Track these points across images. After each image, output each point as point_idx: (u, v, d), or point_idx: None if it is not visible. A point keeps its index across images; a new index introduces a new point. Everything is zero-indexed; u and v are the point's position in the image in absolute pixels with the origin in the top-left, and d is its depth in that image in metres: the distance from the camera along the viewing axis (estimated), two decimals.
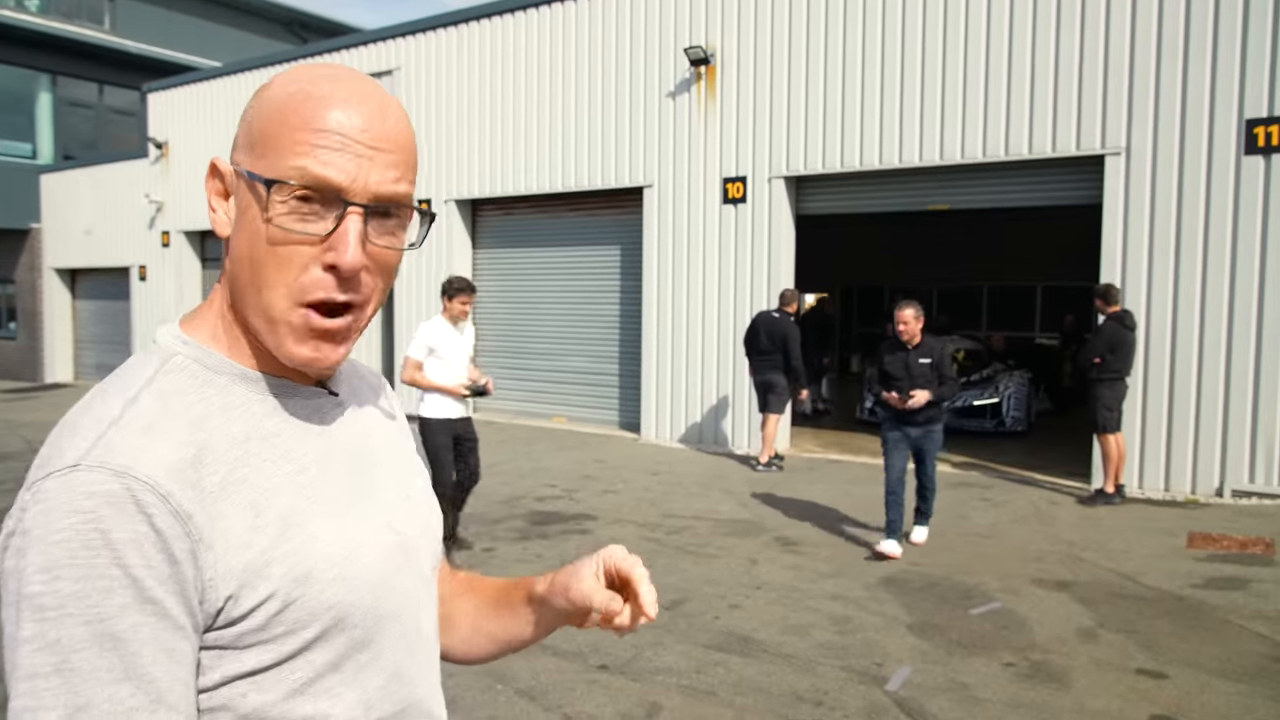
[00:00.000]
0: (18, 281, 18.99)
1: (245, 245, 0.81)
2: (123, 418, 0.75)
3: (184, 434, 0.76)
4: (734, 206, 9.80)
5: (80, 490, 0.70)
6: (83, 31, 19.59)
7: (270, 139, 0.79)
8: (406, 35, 12.38)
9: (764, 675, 3.99)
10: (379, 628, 0.85)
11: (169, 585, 0.71)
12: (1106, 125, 7.81)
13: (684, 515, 6.96)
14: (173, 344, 0.83)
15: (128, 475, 0.71)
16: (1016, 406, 10.72)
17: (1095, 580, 5.36)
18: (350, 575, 0.82)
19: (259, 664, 0.77)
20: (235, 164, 0.82)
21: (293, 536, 0.79)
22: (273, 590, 0.76)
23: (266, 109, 0.80)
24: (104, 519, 0.69)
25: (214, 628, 0.75)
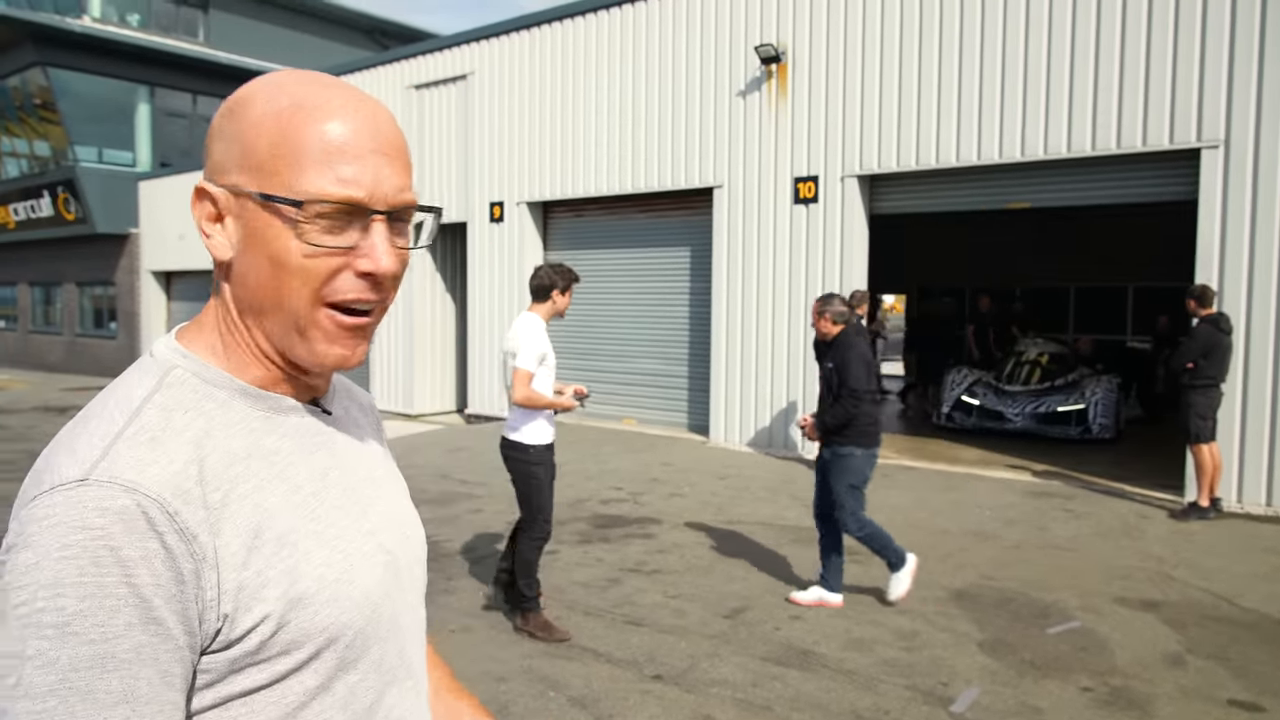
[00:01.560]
0: (118, 284, 19.97)
1: (263, 263, 0.80)
2: (126, 431, 0.74)
3: (188, 450, 0.76)
4: (805, 206, 9.61)
5: (91, 506, 0.69)
6: (179, 44, 20.51)
7: (279, 158, 0.78)
8: (480, 40, 12.54)
9: (823, 691, 3.86)
10: (369, 650, 0.85)
11: (174, 605, 0.70)
12: (1203, 117, 7.38)
13: (749, 521, 6.84)
14: (172, 357, 0.82)
15: (138, 492, 0.70)
16: (1104, 413, 10.28)
17: (1186, 601, 5.05)
18: (343, 596, 0.81)
19: (253, 685, 0.76)
20: (233, 186, 0.80)
21: (287, 557, 0.78)
22: (267, 612, 0.76)
23: (264, 126, 0.79)
24: (114, 536, 0.68)
25: (211, 649, 0.74)
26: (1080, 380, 10.95)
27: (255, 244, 0.80)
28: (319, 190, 0.78)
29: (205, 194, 0.82)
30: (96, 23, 19.66)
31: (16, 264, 22.90)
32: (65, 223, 19.46)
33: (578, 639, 4.44)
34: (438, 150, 13.20)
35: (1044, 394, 10.77)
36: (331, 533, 0.83)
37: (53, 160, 19.34)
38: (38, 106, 18.94)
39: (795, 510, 7.18)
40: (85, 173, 18.54)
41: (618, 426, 11.49)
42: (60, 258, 21.21)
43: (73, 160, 18.54)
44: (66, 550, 0.67)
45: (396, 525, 0.93)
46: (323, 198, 0.78)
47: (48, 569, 0.67)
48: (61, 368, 21.61)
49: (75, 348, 21.34)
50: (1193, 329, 6.98)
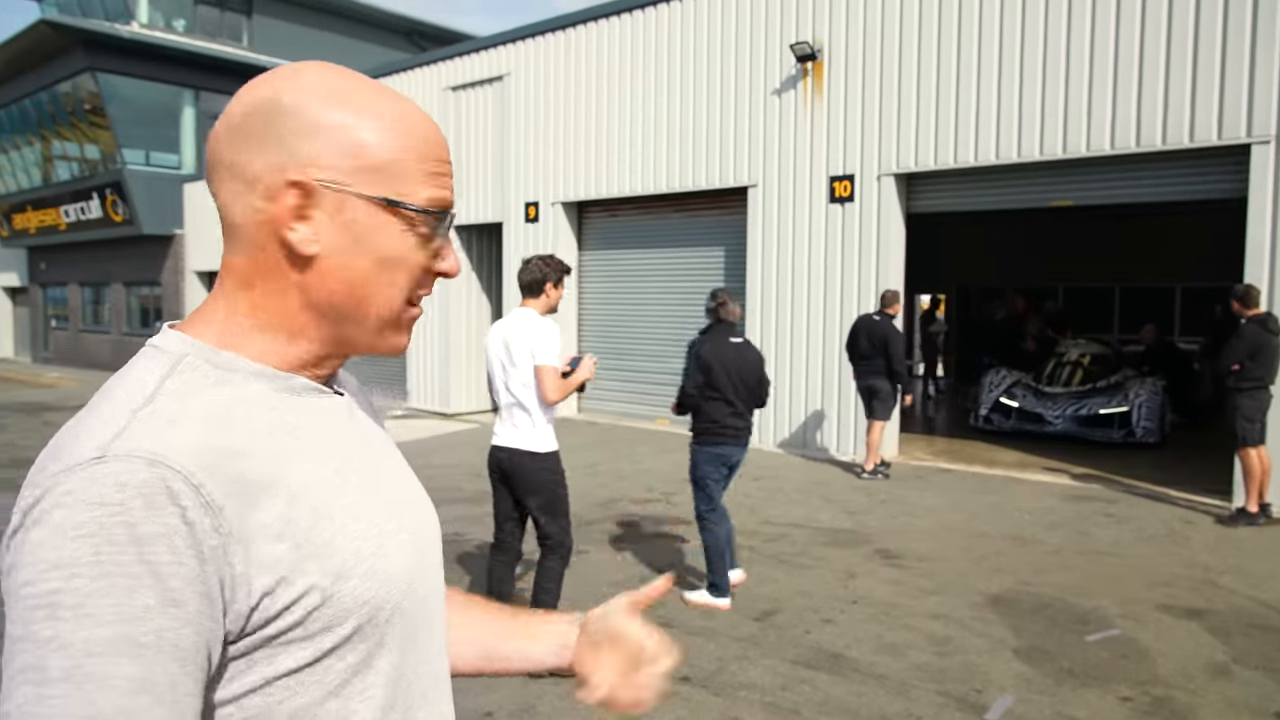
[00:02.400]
0: (163, 284, 20.39)
1: (367, 263, 0.82)
2: (142, 412, 0.72)
3: (208, 426, 0.74)
4: (841, 205, 9.52)
5: (109, 482, 0.66)
6: (224, 49, 20.87)
7: (396, 164, 0.82)
8: (516, 41, 12.60)
9: (853, 696, 3.80)
10: (402, 627, 0.84)
11: (196, 585, 0.67)
12: (1253, 111, 7.17)
13: (781, 523, 6.78)
14: (179, 346, 0.80)
15: (161, 464, 0.68)
16: (1148, 416, 9.97)
17: (1232, 609, 4.90)
18: (380, 570, 0.80)
19: (297, 663, 0.75)
20: (338, 184, 0.80)
21: (324, 530, 0.77)
22: (311, 584, 0.74)
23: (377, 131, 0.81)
24: (133, 511, 0.65)
25: (248, 629, 0.72)
26: (1124, 382, 10.65)
27: (361, 244, 0.82)
28: (435, 199, 0.84)
29: (299, 186, 0.79)
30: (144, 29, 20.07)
31: (67, 264, 23.49)
32: (113, 224, 19.92)
33: None
34: (474, 151, 13.29)
35: (1085, 396, 10.50)
36: (362, 508, 0.82)
37: (102, 163, 19.80)
38: (88, 111, 19.40)
39: (828, 512, 7.11)
40: (132, 175, 18.95)
41: (651, 427, 11.47)
42: (108, 258, 21.71)
43: (121, 163, 18.97)
44: (81, 528, 0.65)
45: (413, 505, 0.93)
46: (439, 206, 0.85)
47: (61, 548, 0.65)
48: (110, 366, 22.13)
49: (123, 347, 21.82)
50: (1239, 329, 6.79)
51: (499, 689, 3.85)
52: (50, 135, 21.10)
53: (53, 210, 21.70)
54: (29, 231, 23.15)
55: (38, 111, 20.89)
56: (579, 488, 7.91)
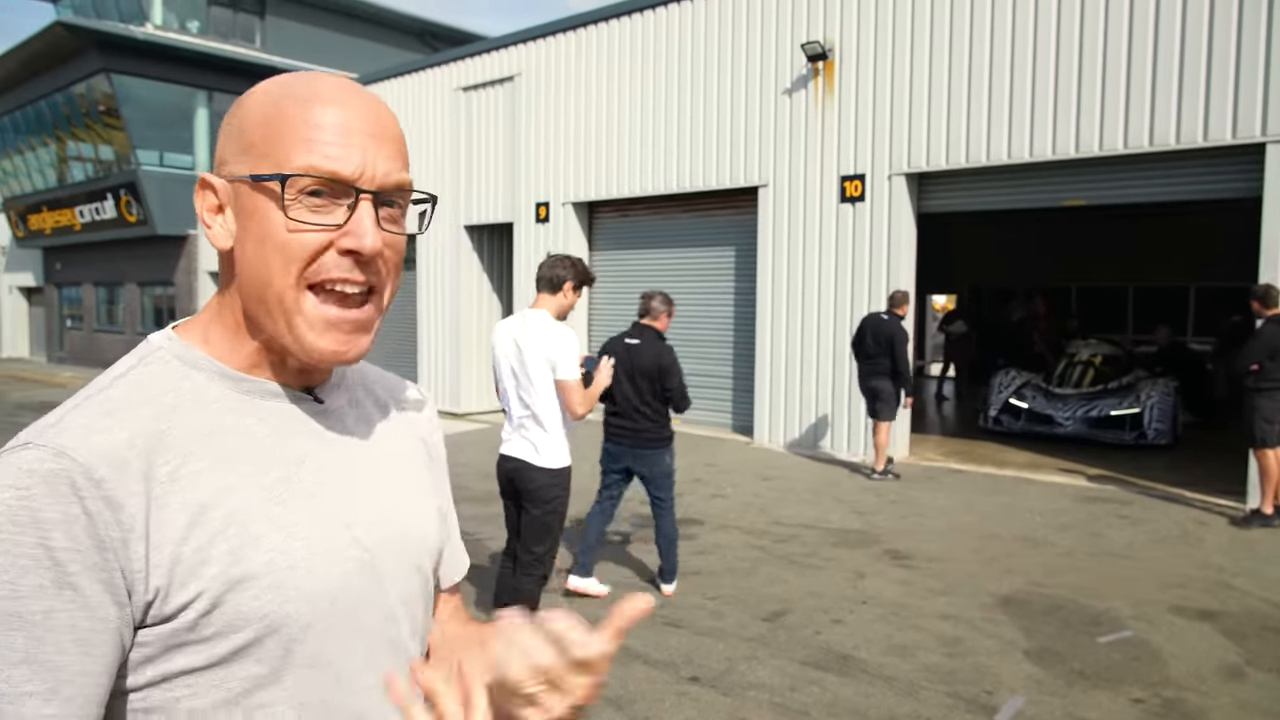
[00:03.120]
0: (177, 284, 20.51)
1: (254, 248, 0.81)
2: (87, 403, 0.77)
3: (145, 423, 0.77)
4: (852, 205, 9.49)
5: (22, 467, 0.70)
6: (237, 50, 20.98)
7: (269, 140, 0.80)
8: (527, 41, 12.61)
9: (862, 697, 3.79)
10: (325, 646, 0.81)
11: (94, 573, 0.70)
12: (1269, 109, 7.11)
13: (792, 523, 6.76)
14: (159, 340, 0.85)
15: (66, 456, 0.71)
16: (1160, 418, 9.79)
17: (1246, 611, 4.86)
18: (289, 584, 0.79)
19: (191, 665, 0.76)
20: (229, 175, 0.83)
21: (233, 537, 0.77)
22: (202, 589, 0.75)
23: (257, 115, 0.82)
24: (35, 497, 0.69)
25: (146, 623, 0.74)
26: (1135, 383, 10.47)
27: (246, 226, 0.82)
28: (305, 165, 0.79)
29: (207, 185, 0.84)
30: (158, 30, 20.20)
31: (82, 265, 23.66)
32: (127, 225, 20.05)
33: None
34: (484, 151, 13.32)
35: (1096, 397, 10.31)
36: (293, 519, 0.81)
37: (116, 164, 19.94)
38: (102, 113, 19.54)
39: (838, 513, 7.09)
40: (146, 176, 19.07)
41: None
42: (122, 259, 21.86)
43: (135, 164, 19.09)
44: None
45: (388, 524, 0.89)
46: (307, 172, 0.79)
47: None
48: None
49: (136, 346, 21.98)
50: (1258, 329, 6.72)
51: None
52: (65, 136, 21.25)
53: (68, 211, 21.87)
54: (44, 232, 23.33)
55: (53, 113, 21.05)
56: (589, 487, 7.91)
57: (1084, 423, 10.08)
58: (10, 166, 23.54)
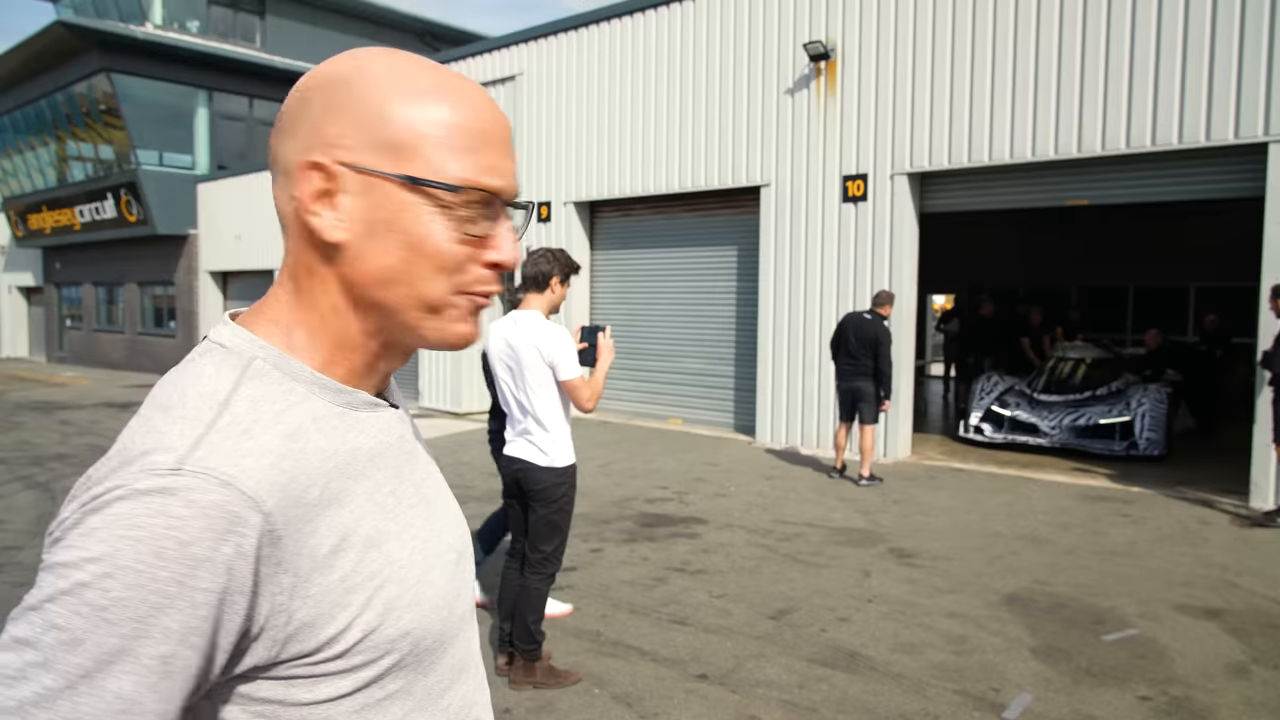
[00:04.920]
0: (177, 284, 20.50)
1: (396, 247, 0.76)
2: (219, 423, 0.69)
3: (283, 444, 0.71)
4: (854, 205, 9.50)
5: (179, 497, 0.64)
6: (237, 50, 20.97)
7: (424, 141, 0.75)
8: (529, 41, 12.62)
9: (870, 694, 3.80)
10: (444, 652, 0.83)
11: (229, 618, 0.66)
12: (1270, 109, 7.13)
13: (796, 522, 6.78)
14: (248, 347, 0.76)
15: (231, 487, 0.66)
16: (1152, 426, 9.16)
17: (1251, 609, 4.88)
18: (424, 599, 0.79)
19: (335, 693, 0.72)
20: (358, 164, 0.75)
21: (373, 560, 0.74)
22: (352, 618, 0.72)
23: (400, 106, 0.75)
24: (191, 530, 0.63)
25: (283, 657, 0.69)
26: (1125, 389, 9.87)
27: (389, 227, 0.76)
28: (470, 177, 0.75)
29: (319, 168, 0.75)
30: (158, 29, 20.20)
31: (82, 265, 23.65)
32: (127, 224, 20.04)
33: (622, 637, 4.44)
34: None
35: (1083, 404, 9.72)
36: (410, 533, 0.80)
37: (116, 164, 19.92)
38: (102, 112, 19.53)
39: (842, 511, 7.10)
40: (147, 175, 19.06)
41: (663, 426, 11.48)
42: (122, 258, 21.85)
43: (135, 164, 19.08)
44: (134, 530, 0.62)
45: (455, 520, 0.91)
46: (475, 185, 0.76)
47: (106, 543, 0.62)
48: (124, 365, 22.27)
49: (137, 346, 21.96)
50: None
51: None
52: (65, 136, 21.24)
53: (67, 210, 21.86)
54: (44, 232, 23.32)
55: (53, 112, 21.04)
56: (592, 486, 7.93)
57: (1071, 431, 9.50)
58: (10, 166, 23.53)
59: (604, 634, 4.49)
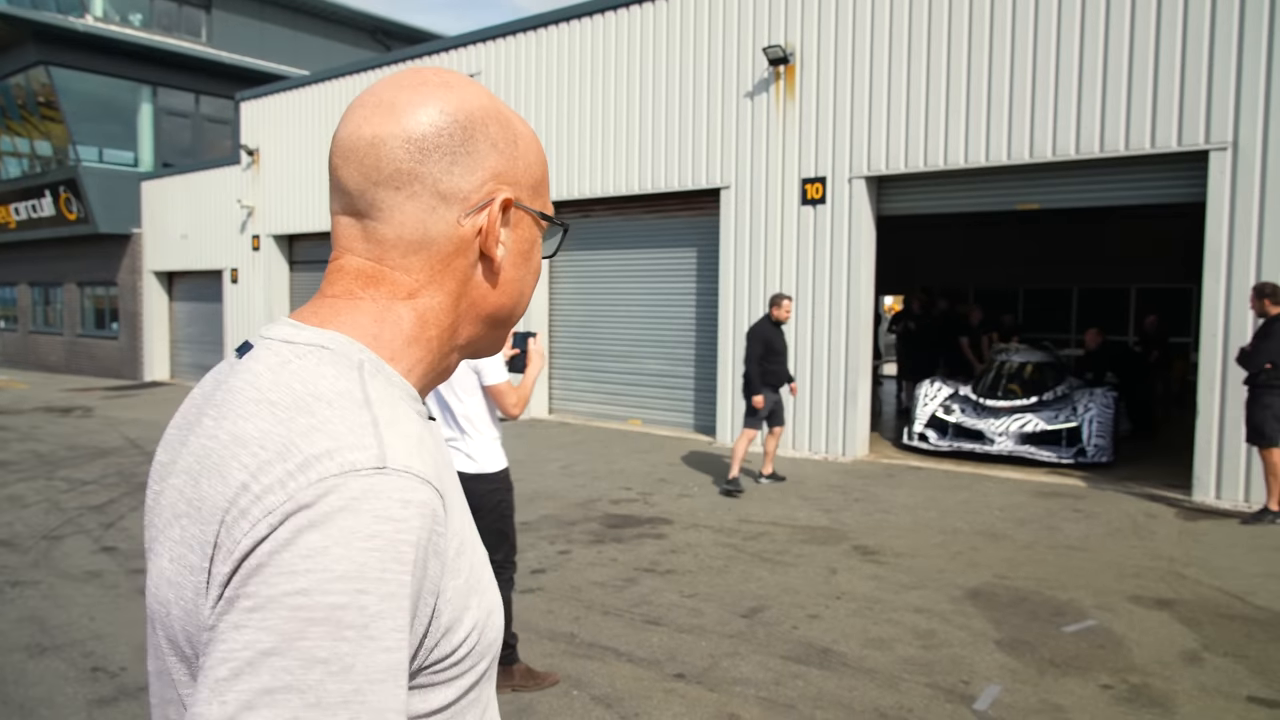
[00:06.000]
0: (119, 284, 19.92)
1: (521, 272, 0.86)
2: (382, 421, 0.67)
3: (419, 444, 0.70)
4: (813, 208, 9.64)
5: (396, 496, 0.63)
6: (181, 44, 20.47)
7: (543, 182, 0.88)
8: (487, 40, 12.55)
9: (845, 689, 3.87)
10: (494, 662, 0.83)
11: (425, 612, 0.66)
12: (1211, 119, 7.42)
13: (760, 521, 6.86)
14: (353, 352, 0.74)
15: (430, 484, 0.66)
16: (1100, 432, 8.89)
17: (1199, 599, 5.07)
18: (496, 607, 0.80)
19: (445, 700, 0.72)
20: (521, 202, 0.84)
21: (472, 564, 0.75)
22: (475, 620, 0.73)
23: (538, 155, 0.87)
24: (415, 530, 0.63)
25: (426, 664, 0.69)
26: (1070, 393, 9.66)
27: (528, 256, 0.87)
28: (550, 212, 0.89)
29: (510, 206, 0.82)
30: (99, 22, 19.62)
31: (17, 264, 22.86)
32: (67, 222, 19.43)
33: (597, 638, 4.45)
34: None
35: (1030, 410, 9.47)
36: (475, 539, 0.80)
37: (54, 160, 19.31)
38: (40, 105, 18.92)
39: (806, 510, 7.20)
40: (87, 172, 18.50)
41: (623, 427, 11.51)
42: (61, 258, 21.17)
43: (74, 160, 18.52)
44: (372, 540, 0.60)
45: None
46: (557, 219, 0.90)
47: (351, 559, 0.59)
48: (62, 368, 21.58)
49: (76, 348, 21.30)
50: (1269, 327, 6.63)
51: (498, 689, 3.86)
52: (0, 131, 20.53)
53: (2, 208, 21.13)
54: None
55: None
56: (556, 488, 7.93)
57: (1017, 438, 9.25)
58: None
59: (578, 635, 4.50)
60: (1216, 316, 7.46)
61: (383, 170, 0.76)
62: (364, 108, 0.79)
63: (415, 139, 0.77)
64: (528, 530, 6.53)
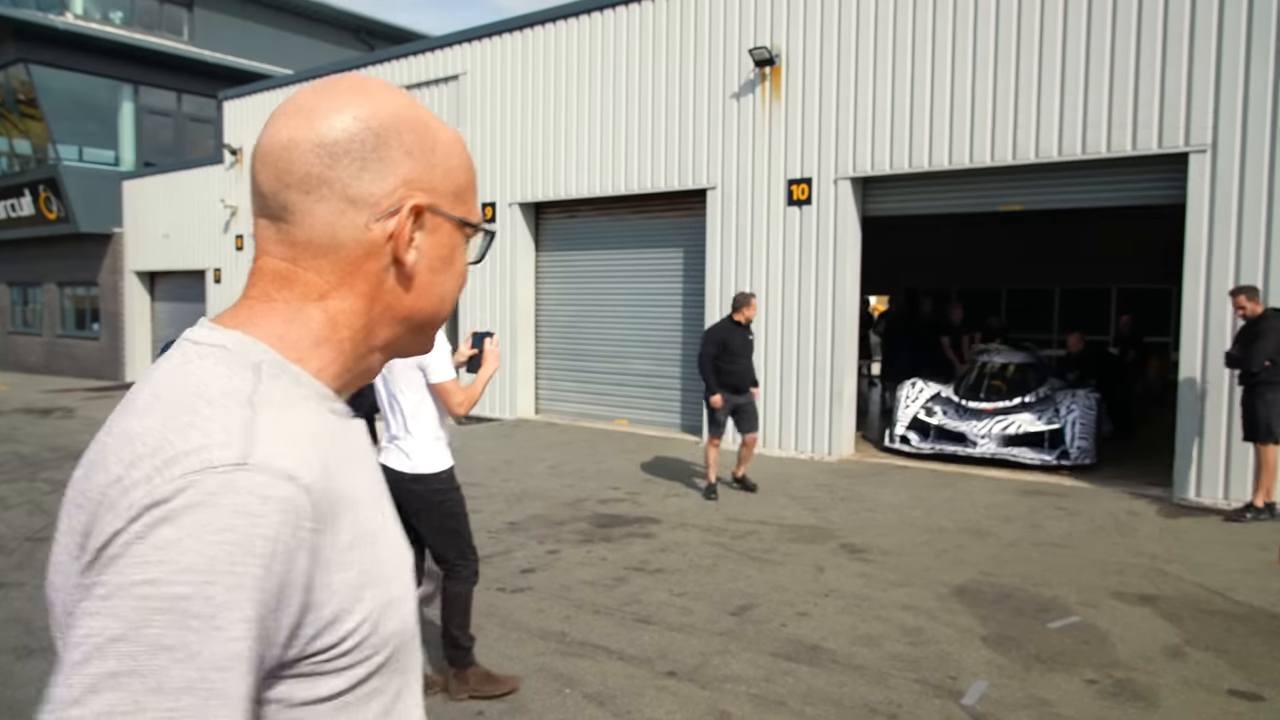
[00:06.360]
0: (101, 284, 19.75)
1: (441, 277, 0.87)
2: (258, 420, 0.69)
3: (310, 442, 0.72)
4: (799, 208, 9.69)
5: (255, 492, 0.64)
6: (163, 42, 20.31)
7: (467, 188, 0.88)
8: (472, 41, 12.54)
9: (835, 686, 3.91)
10: (411, 654, 0.84)
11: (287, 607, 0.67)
12: (1191, 122, 7.52)
13: (748, 520, 6.90)
14: (254, 351, 0.77)
15: (297, 480, 0.67)
16: (1083, 434, 8.80)
17: (1180, 595, 5.15)
18: (400, 599, 0.80)
19: (335, 689, 0.73)
20: (436, 207, 0.84)
21: (373, 558, 0.76)
22: (366, 613, 0.74)
23: (461, 161, 0.87)
24: (273, 525, 0.64)
25: (305, 654, 0.70)
26: (1053, 395, 9.54)
27: (448, 261, 0.87)
28: (478, 219, 0.89)
29: (419, 210, 0.82)
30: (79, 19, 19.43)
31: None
32: (46, 222, 19.24)
33: (588, 637, 4.48)
34: None
35: (1012, 411, 9.37)
36: (386, 534, 0.82)
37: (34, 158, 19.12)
38: (19, 103, 18.72)
39: (792, 509, 7.25)
40: (68, 171, 18.33)
41: (610, 427, 11.53)
42: (41, 257, 20.96)
43: (54, 159, 18.34)
44: (223, 534, 0.62)
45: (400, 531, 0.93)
46: (481, 224, 0.90)
47: (200, 551, 0.61)
48: (42, 369, 21.37)
49: (56, 349, 21.09)
50: (1265, 325, 6.68)
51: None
52: None
53: None
54: None
55: None
56: (544, 488, 7.94)
57: (1000, 440, 9.15)
58: None
59: (569, 634, 4.52)
60: (1196, 316, 7.57)
61: (294, 174, 0.78)
62: (284, 114, 0.80)
63: (326, 144, 0.78)
64: (516, 530, 6.54)
